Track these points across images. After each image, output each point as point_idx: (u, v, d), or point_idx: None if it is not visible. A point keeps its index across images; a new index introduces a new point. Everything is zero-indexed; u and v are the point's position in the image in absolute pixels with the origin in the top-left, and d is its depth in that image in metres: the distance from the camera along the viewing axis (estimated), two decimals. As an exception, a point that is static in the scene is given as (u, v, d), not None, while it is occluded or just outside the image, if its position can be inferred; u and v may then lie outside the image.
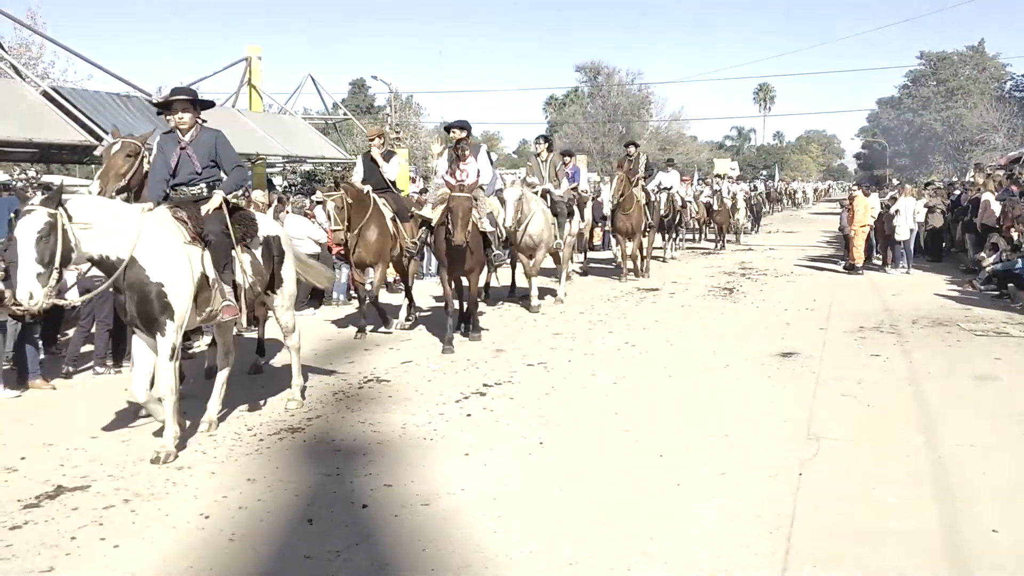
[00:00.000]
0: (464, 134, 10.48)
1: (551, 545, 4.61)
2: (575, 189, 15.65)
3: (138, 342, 6.36)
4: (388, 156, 11.43)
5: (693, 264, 20.23)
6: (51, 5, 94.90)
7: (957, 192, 21.03)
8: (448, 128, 10.88)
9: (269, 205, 13.44)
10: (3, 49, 19.44)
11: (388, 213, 10.99)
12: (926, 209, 19.35)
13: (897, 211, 17.85)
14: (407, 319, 11.57)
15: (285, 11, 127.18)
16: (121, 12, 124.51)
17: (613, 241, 18.59)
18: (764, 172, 56.92)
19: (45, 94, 15.68)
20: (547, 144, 14.52)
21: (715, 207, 24.63)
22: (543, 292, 13.79)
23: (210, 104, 7.25)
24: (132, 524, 4.94)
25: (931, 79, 72.55)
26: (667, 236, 21.17)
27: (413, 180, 21.19)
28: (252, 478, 5.69)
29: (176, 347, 6.21)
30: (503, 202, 12.00)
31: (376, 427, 6.86)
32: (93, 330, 8.89)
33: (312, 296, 13.15)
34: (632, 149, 16.98)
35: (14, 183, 15.40)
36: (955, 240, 19.74)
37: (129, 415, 7.17)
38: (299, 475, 5.77)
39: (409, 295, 11.77)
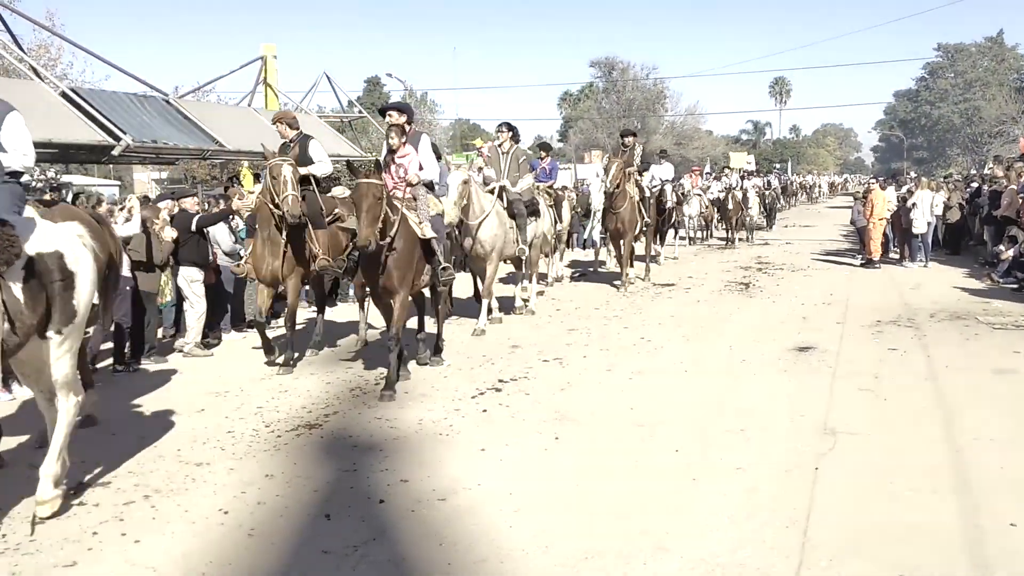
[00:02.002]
0: (402, 119, 8.62)
1: (567, 540, 4.63)
2: (551, 187, 14.67)
3: None
4: (305, 144, 9.41)
5: (709, 259, 20.17)
6: (69, 5, 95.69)
7: (975, 185, 20.87)
8: (383, 110, 9.01)
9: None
10: (23, 51, 19.65)
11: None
12: (943, 204, 19.22)
13: (914, 204, 17.74)
14: (356, 346, 10.07)
15: (300, 10, 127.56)
16: (137, 13, 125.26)
17: (603, 243, 17.53)
18: (777, 166, 56.18)
19: (64, 95, 15.82)
20: (511, 133, 12.13)
21: (729, 204, 23.78)
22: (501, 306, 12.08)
23: None
24: (152, 520, 4.99)
25: (949, 71, 72.07)
26: (657, 236, 18.70)
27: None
28: (270, 474, 5.74)
29: None
30: (448, 188, 10.29)
31: (392, 423, 6.90)
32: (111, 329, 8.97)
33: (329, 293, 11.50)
34: (629, 139, 15.44)
35: (33, 183, 15.53)
36: (973, 233, 19.59)
37: (147, 412, 7.25)
38: (316, 471, 5.81)
39: (318, 317, 10.21)
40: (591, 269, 17.89)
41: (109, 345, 9.05)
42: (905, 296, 13.33)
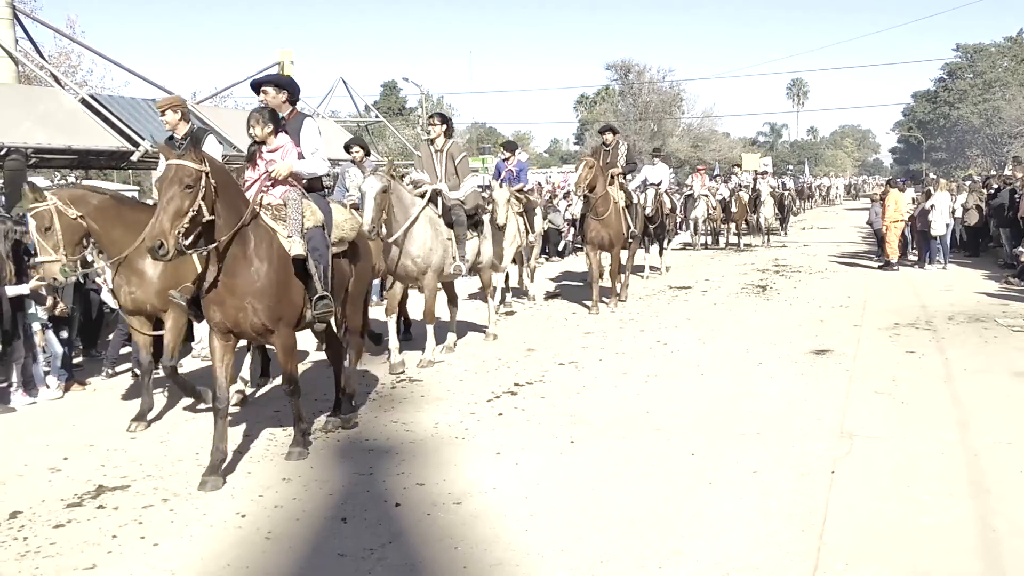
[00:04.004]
0: (281, 96, 6.57)
1: (582, 543, 4.64)
2: (521, 191, 13.10)
3: None
4: (198, 141, 6.58)
5: (726, 261, 20.10)
6: (89, 13, 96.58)
7: (995, 187, 20.72)
8: (257, 86, 6.69)
9: None
10: (44, 58, 19.86)
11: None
12: (962, 208, 19.08)
13: (932, 206, 17.63)
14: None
15: (317, 15, 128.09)
16: (156, 20, 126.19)
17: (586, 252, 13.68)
18: (791, 168, 55.46)
19: (83, 101, 15.98)
20: (444, 127, 9.89)
21: (733, 207, 23.01)
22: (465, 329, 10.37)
23: None
24: (171, 523, 5.04)
25: (968, 71, 71.51)
26: (651, 245, 17.18)
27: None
28: (287, 477, 5.78)
29: None
30: (362, 196, 8.47)
31: (408, 426, 6.93)
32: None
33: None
34: (609, 136, 13.34)
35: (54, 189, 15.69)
36: (992, 235, 19.45)
37: (166, 415, 7.32)
38: (333, 474, 5.85)
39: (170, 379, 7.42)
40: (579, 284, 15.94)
41: (128, 350, 9.12)
42: (923, 298, 13.25)
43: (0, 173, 11.49)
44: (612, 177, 12.74)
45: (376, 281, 10.46)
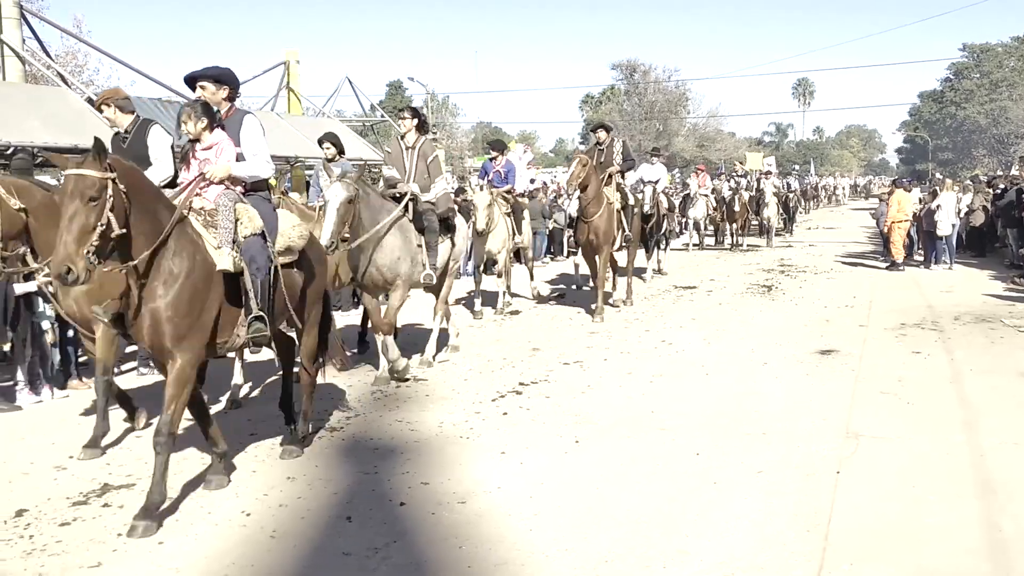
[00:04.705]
0: (221, 92, 5.90)
1: (587, 542, 4.63)
2: (510, 192, 12.73)
3: None
4: (143, 133, 6.79)
5: (731, 261, 20.08)
6: (95, 12, 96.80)
7: (1002, 187, 20.67)
8: (192, 80, 5.96)
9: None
10: (50, 57, 19.89)
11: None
12: (968, 208, 19.04)
13: (939, 206, 17.59)
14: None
15: (323, 15, 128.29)
16: (163, 19, 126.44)
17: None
18: (796, 167, 55.16)
19: (90, 100, 15.99)
20: (416, 121, 9.09)
21: (736, 206, 22.63)
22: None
23: None
24: (176, 521, 5.05)
25: (974, 71, 71.34)
26: (651, 248, 16.61)
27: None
28: (292, 476, 5.78)
29: None
30: (324, 204, 7.81)
31: (413, 426, 6.93)
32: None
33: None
34: (601, 134, 12.76)
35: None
36: (999, 235, 19.40)
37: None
38: (338, 473, 5.86)
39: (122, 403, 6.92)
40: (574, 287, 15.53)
41: (133, 348, 9.13)
42: (929, 298, 13.22)
43: (7, 172, 11.53)
44: (609, 177, 12.21)
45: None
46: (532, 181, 22.43)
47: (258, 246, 5.48)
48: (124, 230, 4.74)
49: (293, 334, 6.56)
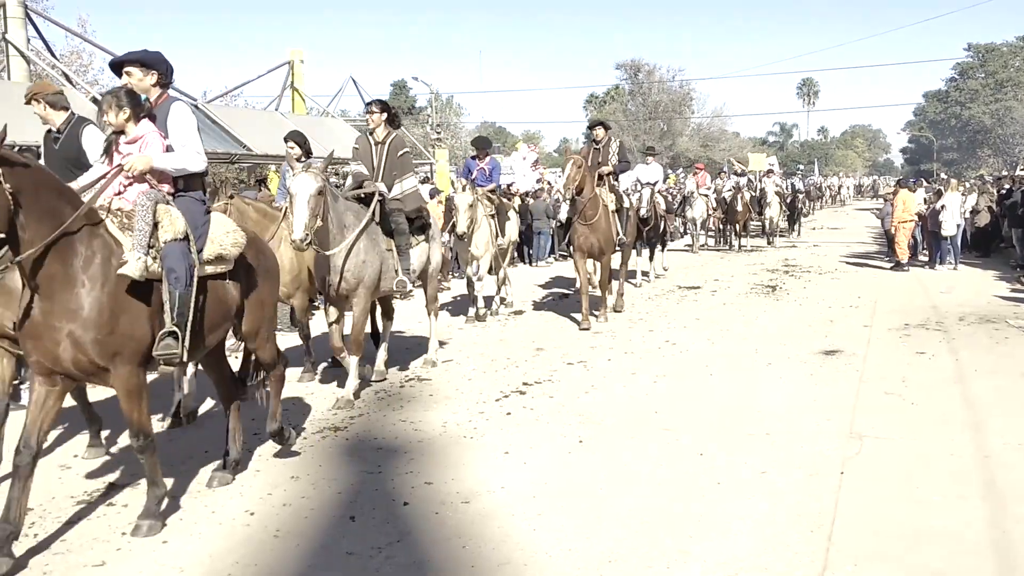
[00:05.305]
0: (149, 78, 5.30)
1: (590, 543, 4.63)
2: (493, 192, 12.22)
3: None
4: (76, 133, 6.29)
5: (735, 261, 20.07)
6: (100, 12, 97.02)
7: (1007, 187, 20.63)
8: (118, 66, 5.37)
9: None
10: (55, 57, 19.94)
11: None
12: (972, 208, 19.01)
13: (943, 206, 17.56)
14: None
15: (327, 15, 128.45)
16: (167, 19, 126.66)
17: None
18: (801, 168, 54.95)
19: (95, 100, 16.01)
20: (386, 115, 8.53)
21: (738, 206, 22.29)
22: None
23: None
24: (180, 520, 5.06)
25: (979, 71, 71.24)
26: (644, 248, 16.28)
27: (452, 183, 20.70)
28: (296, 476, 5.79)
29: None
30: (291, 198, 7.14)
31: (417, 425, 6.94)
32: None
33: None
34: (599, 131, 12.17)
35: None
36: (1004, 235, 19.37)
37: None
38: (341, 473, 5.86)
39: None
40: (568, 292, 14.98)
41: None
42: (934, 299, 13.20)
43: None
44: (601, 178, 11.62)
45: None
46: (538, 181, 22.39)
47: (178, 253, 4.88)
48: (7, 232, 4.21)
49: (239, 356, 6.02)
